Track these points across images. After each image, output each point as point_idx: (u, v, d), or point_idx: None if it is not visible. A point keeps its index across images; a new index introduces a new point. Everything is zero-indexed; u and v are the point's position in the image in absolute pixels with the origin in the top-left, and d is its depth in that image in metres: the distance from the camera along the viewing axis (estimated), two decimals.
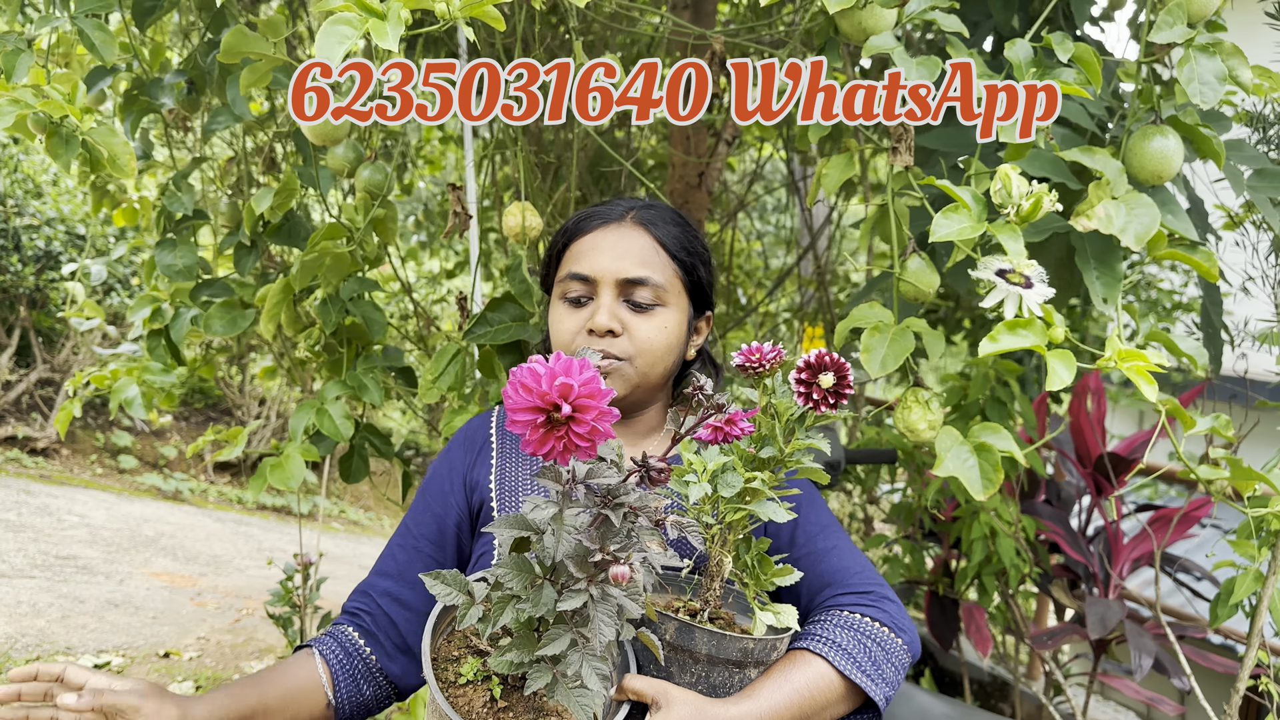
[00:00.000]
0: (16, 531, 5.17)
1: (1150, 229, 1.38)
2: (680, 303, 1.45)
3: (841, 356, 1.12)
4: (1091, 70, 1.35)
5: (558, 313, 1.44)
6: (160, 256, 1.96)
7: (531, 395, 0.83)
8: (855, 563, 1.37)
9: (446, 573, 1.05)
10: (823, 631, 1.26)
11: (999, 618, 2.64)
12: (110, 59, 1.75)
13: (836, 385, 1.10)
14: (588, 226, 1.45)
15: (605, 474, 0.95)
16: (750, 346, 1.16)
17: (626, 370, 1.39)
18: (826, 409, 1.10)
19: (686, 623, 1.14)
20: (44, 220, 6.72)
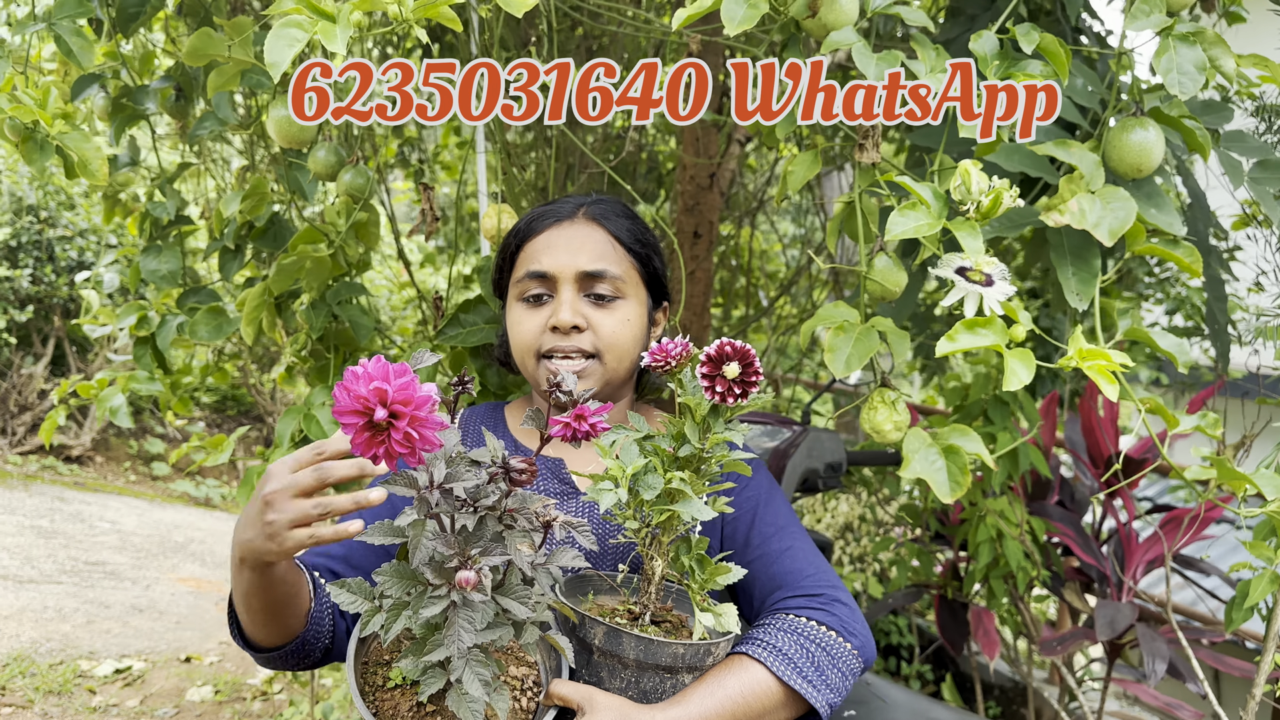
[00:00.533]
0: (48, 538, 5.26)
1: (1125, 223, 1.33)
2: (639, 294, 1.45)
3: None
4: (1058, 62, 1.30)
5: (516, 314, 1.43)
6: (145, 262, 1.97)
7: (351, 398, 0.81)
8: (809, 565, 1.34)
9: (351, 581, 1.04)
10: (764, 635, 1.23)
11: (1010, 621, 2.58)
12: (88, 65, 1.76)
13: (743, 374, 1.07)
14: (540, 226, 1.44)
15: (465, 477, 0.93)
16: (658, 344, 1.13)
17: (595, 367, 1.38)
18: (735, 400, 1.08)
19: (613, 627, 1.12)
20: (76, 231, 6.85)
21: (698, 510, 1.10)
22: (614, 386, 1.43)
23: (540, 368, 1.39)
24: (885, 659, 4.00)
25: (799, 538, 1.39)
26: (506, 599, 0.97)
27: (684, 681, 1.16)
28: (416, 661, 0.97)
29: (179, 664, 3.96)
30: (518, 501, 0.99)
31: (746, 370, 1.07)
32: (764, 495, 1.42)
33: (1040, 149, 1.38)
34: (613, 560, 1.37)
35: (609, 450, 1.14)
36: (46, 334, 7.11)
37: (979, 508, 2.36)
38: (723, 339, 1.07)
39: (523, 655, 1.17)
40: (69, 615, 4.26)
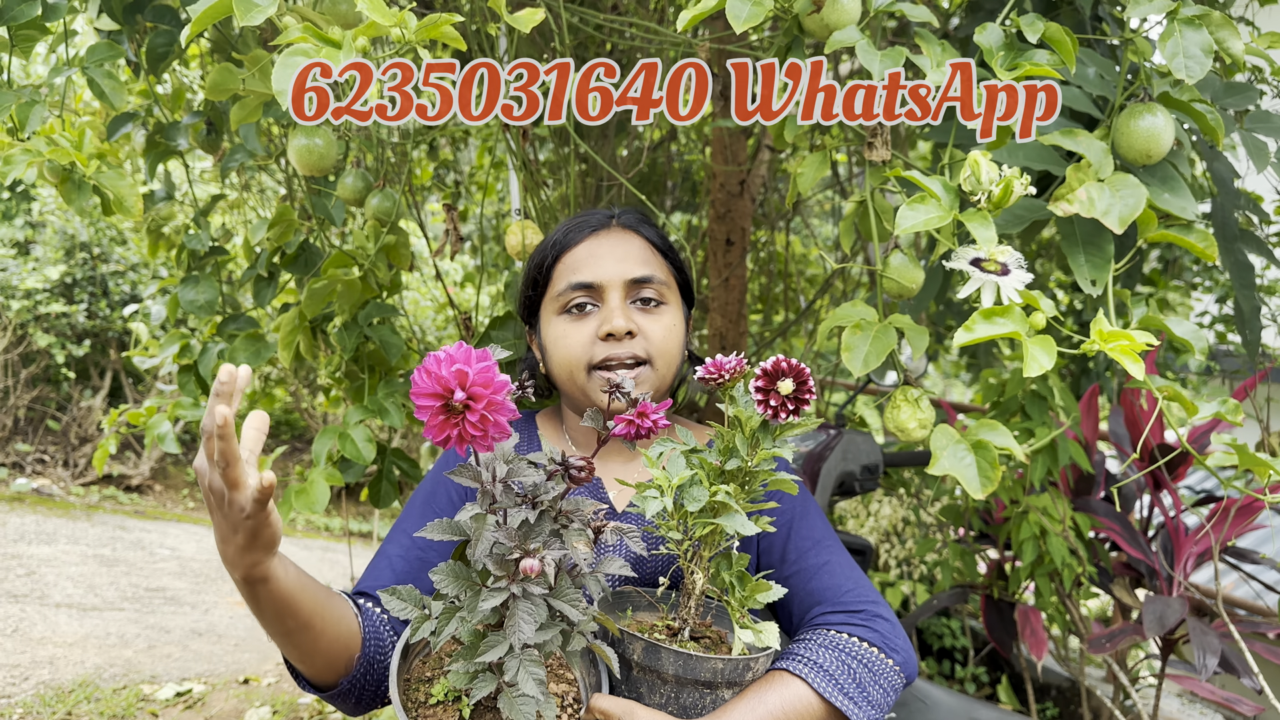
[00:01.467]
0: (110, 566, 5.38)
1: (1135, 210, 1.32)
2: (677, 300, 1.45)
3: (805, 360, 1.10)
4: (1065, 51, 1.30)
5: (559, 329, 1.40)
6: (183, 293, 2.02)
7: (431, 381, 0.83)
8: (848, 579, 1.33)
9: (402, 588, 1.05)
10: (804, 651, 1.21)
11: (1059, 619, 2.54)
12: (121, 105, 1.81)
13: (796, 391, 1.07)
14: (578, 236, 1.42)
15: (525, 473, 0.95)
16: (713, 359, 1.13)
17: (647, 374, 1.37)
18: (787, 416, 1.07)
19: (651, 642, 1.11)
20: (128, 266, 7.02)
21: (741, 524, 1.10)
22: (660, 394, 1.42)
23: (593, 379, 1.37)
24: (939, 662, 3.96)
25: (836, 551, 1.38)
26: (560, 601, 0.98)
27: (724, 697, 1.15)
28: (468, 664, 0.98)
29: (238, 685, 4.03)
30: (572, 504, 1.00)
31: (800, 388, 1.07)
32: (799, 509, 1.40)
33: (1046, 139, 1.37)
34: (652, 575, 1.37)
35: (655, 461, 1.14)
36: (104, 367, 7.30)
37: (1020, 505, 2.33)
38: (779, 356, 1.08)
39: (562, 672, 1.17)
40: (131, 641, 4.35)
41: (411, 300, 7.08)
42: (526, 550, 0.93)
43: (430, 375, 0.84)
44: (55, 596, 4.75)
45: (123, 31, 1.96)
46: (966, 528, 2.59)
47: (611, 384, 1.05)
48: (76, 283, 6.91)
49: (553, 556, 0.93)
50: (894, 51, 1.29)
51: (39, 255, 6.88)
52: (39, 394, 7.08)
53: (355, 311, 1.97)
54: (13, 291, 6.66)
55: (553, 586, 0.98)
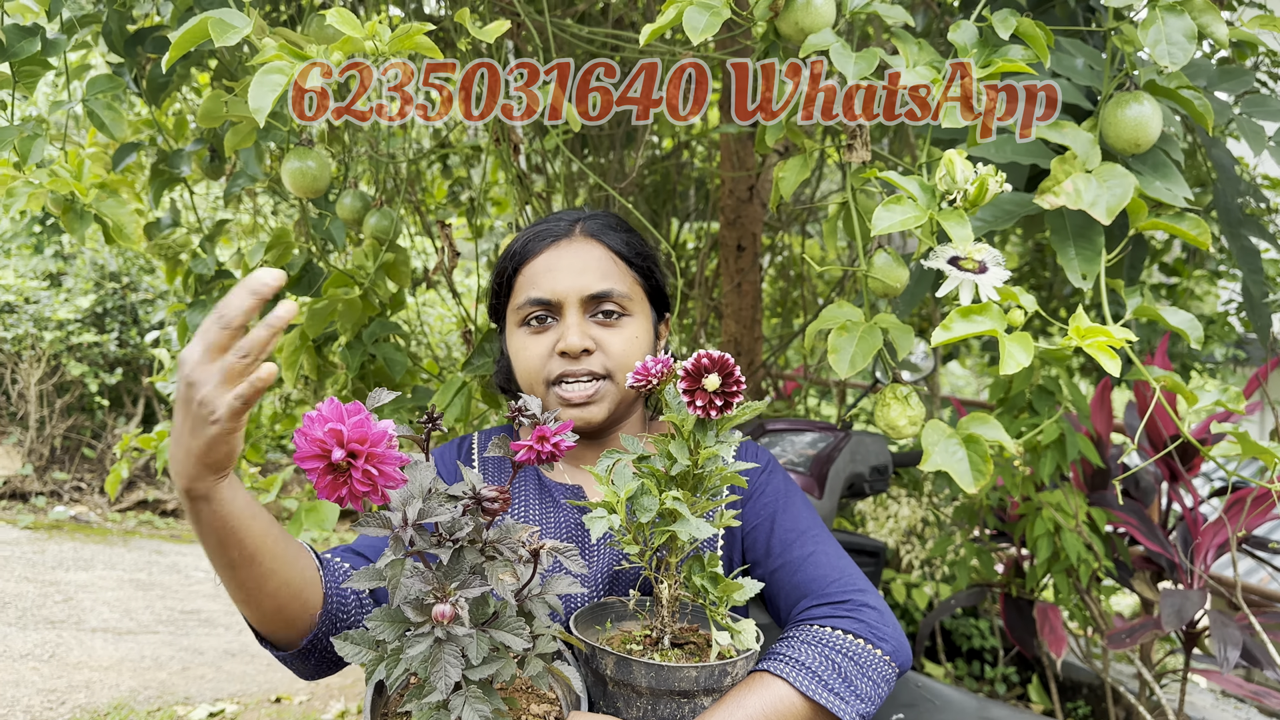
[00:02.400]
0: (146, 590, 5.46)
1: (1123, 199, 1.31)
2: (644, 309, 1.42)
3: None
4: (1038, 45, 1.29)
5: (519, 340, 1.40)
6: (191, 318, 2.05)
7: (308, 443, 0.80)
8: (833, 569, 1.30)
9: (354, 632, 1.01)
10: (786, 650, 1.20)
11: (1080, 616, 2.52)
12: (120, 135, 1.85)
13: (723, 385, 1.05)
14: (537, 247, 1.39)
15: (438, 512, 0.93)
16: (641, 364, 1.12)
17: (607, 388, 1.36)
18: (718, 413, 1.06)
19: (622, 656, 1.10)
20: (157, 294, 7.12)
21: (696, 529, 1.08)
22: (627, 405, 1.41)
23: (550, 394, 1.36)
24: (969, 663, 3.92)
25: (822, 541, 1.35)
26: (501, 632, 0.96)
27: (703, 705, 1.13)
28: (419, 704, 0.98)
29: (270, 705, 4.07)
30: (500, 532, 0.97)
31: (727, 381, 1.05)
32: (781, 501, 1.39)
33: (1033, 133, 1.37)
34: (635, 583, 1.36)
35: (604, 476, 1.12)
36: (136, 394, 7.41)
37: (1034, 501, 2.32)
38: (700, 351, 1.06)
39: (544, 692, 1.15)
40: (165, 663, 4.41)
41: (437, 317, 7.13)
42: (443, 592, 0.91)
43: (307, 437, 0.81)
44: (91, 621, 4.82)
45: (124, 64, 2.01)
46: (982, 526, 2.57)
47: (513, 409, 1.02)
48: (107, 312, 7.03)
49: (471, 595, 0.91)
50: (868, 53, 1.29)
51: (70, 286, 7.01)
52: (74, 423, 7.20)
53: (358, 330, 2.00)
54: (46, 323, 6.78)
55: (495, 618, 0.98)
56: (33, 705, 3.81)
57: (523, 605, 1.00)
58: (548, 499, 1.41)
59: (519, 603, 1.00)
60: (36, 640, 4.44)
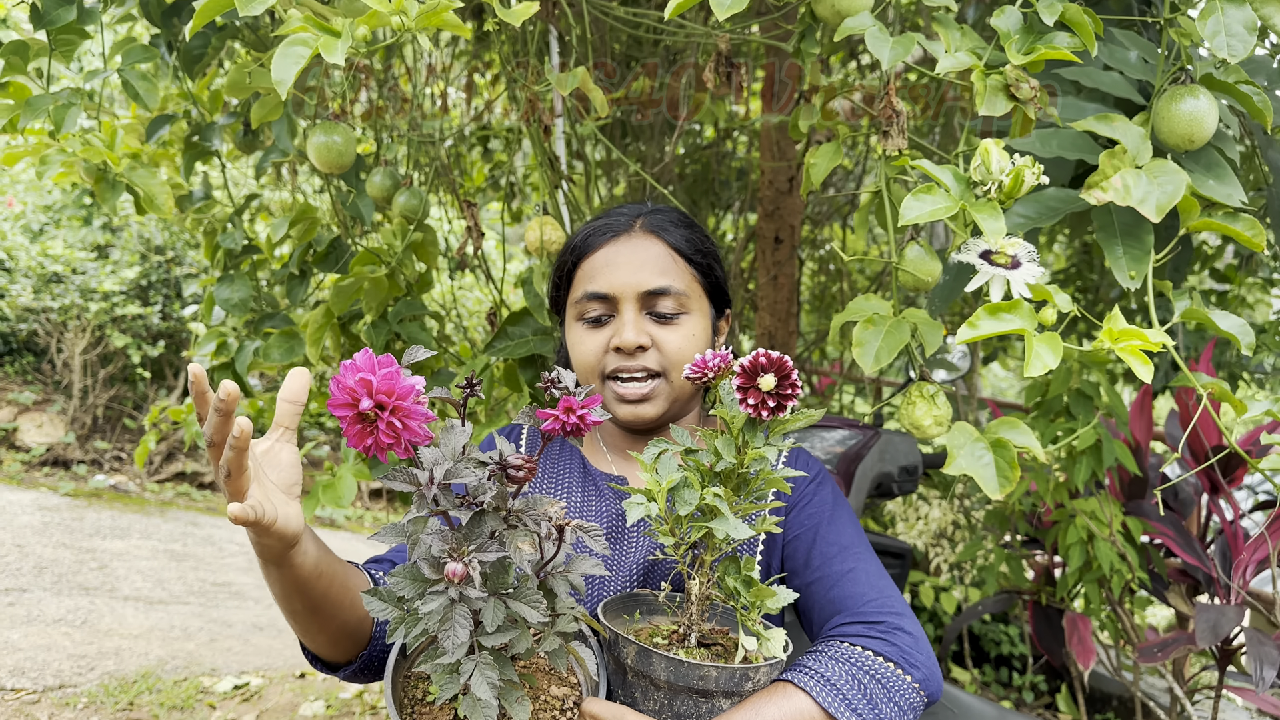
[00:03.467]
0: (180, 561, 5.52)
1: (1174, 197, 1.26)
2: (702, 306, 1.40)
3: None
4: (1085, 33, 1.24)
5: (577, 334, 1.39)
6: (218, 292, 2.05)
7: (340, 391, 0.81)
8: (871, 588, 1.26)
9: (381, 589, 1.03)
10: (812, 663, 1.15)
11: (1111, 627, 2.45)
12: (154, 106, 1.85)
13: (778, 387, 1.02)
14: (597, 242, 1.38)
15: (464, 474, 0.92)
16: (699, 357, 1.09)
17: (662, 386, 1.35)
18: (770, 414, 1.02)
19: (644, 646, 1.08)
20: (201, 268, 7.20)
21: (734, 529, 1.05)
22: (682, 403, 1.39)
23: (605, 389, 1.36)
24: (996, 670, 3.86)
25: (863, 559, 1.31)
26: (517, 603, 0.94)
27: (720, 707, 1.10)
28: (433, 664, 0.97)
29: (294, 680, 4.10)
30: (526, 503, 0.97)
31: (782, 383, 1.01)
32: (827, 513, 1.35)
33: (1080, 124, 1.31)
34: (666, 579, 1.34)
35: (649, 465, 1.10)
36: (177, 367, 7.50)
37: (1068, 508, 2.26)
38: (760, 349, 1.02)
39: (566, 676, 1.14)
40: (194, 634, 4.46)
41: (475, 300, 7.14)
42: (458, 554, 0.90)
43: (339, 385, 0.82)
44: (124, 590, 4.89)
45: (161, 35, 2.00)
46: (1013, 531, 2.51)
47: (545, 379, 1.01)
48: (151, 285, 7.12)
49: (485, 558, 0.90)
50: (905, 39, 1.25)
51: (116, 258, 7.11)
52: (116, 393, 7.31)
53: (383, 309, 1.99)
54: (91, 294, 6.88)
55: (516, 589, 0.96)
56: (62, 670, 3.86)
57: (544, 581, 0.99)
58: (590, 486, 1.41)
59: (540, 578, 0.98)
60: (70, 606, 4.51)
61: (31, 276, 6.97)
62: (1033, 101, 1.23)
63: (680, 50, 4.21)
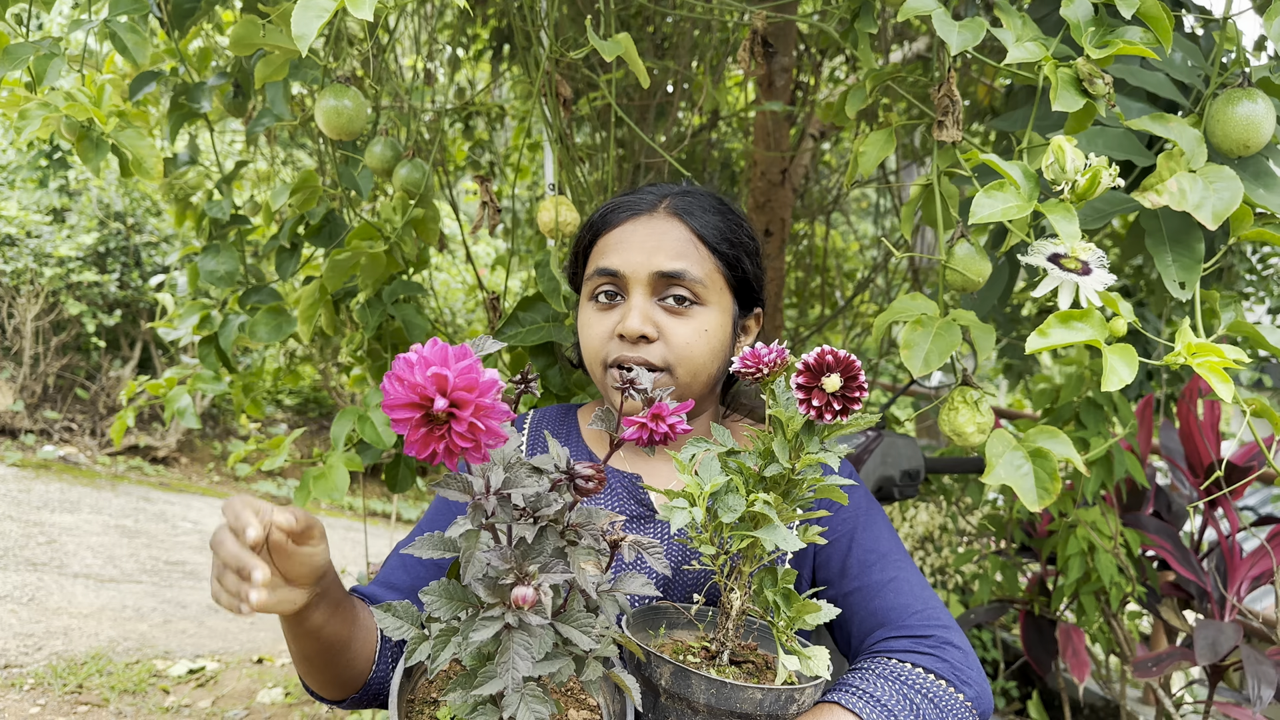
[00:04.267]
0: (131, 537, 5.36)
1: (1231, 205, 1.20)
2: (723, 301, 1.29)
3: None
4: (1161, 28, 1.18)
5: (586, 315, 1.31)
6: (203, 262, 1.94)
7: (405, 389, 0.70)
8: (916, 599, 1.19)
9: (398, 604, 0.93)
10: (860, 682, 1.08)
11: (1102, 639, 2.42)
12: (143, 62, 1.73)
13: (844, 388, 0.93)
14: (616, 219, 1.30)
15: (525, 484, 0.83)
16: (750, 350, 1.01)
17: (664, 382, 1.24)
18: (834, 417, 0.94)
19: (681, 667, 0.99)
20: (161, 237, 7.00)
21: (783, 539, 0.97)
22: (690, 399, 1.29)
23: (608, 375, 1.27)
24: None
25: (904, 567, 1.24)
26: (568, 627, 0.86)
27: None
28: (466, 695, 0.87)
29: (251, 665, 3.98)
30: (583, 516, 0.88)
31: (849, 384, 0.93)
32: (863, 518, 1.27)
33: (1135, 124, 1.25)
34: (691, 589, 1.25)
35: (687, 465, 1.02)
36: (134, 338, 7.29)
37: (1069, 518, 2.22)
38: (825, 346, 0.94)
39: (584, 697, 1.05)
40: (147, 615, 4.31)
41: (442, 283, 7.02)
42: (522, 574, 0.80)
43: (404, 383, 0.70)
44: (74, 566, 4.72)
45: None
46: (1008, 539, 2.48)
47: (624, 379, 0.92)
48: (110, 252, 6.90)
49: (553, 581, 0.81)
50: (973, 23, 1.18)
51: (74, 223, 6.87)
52: (69, 362, 7.09)
53: (379, 287, 1.89)
54: (46, 258, 6.65)
55: (563, 610, 0.88)
56: (8, 649, 3.71)
57: (590, 600, 0.90)
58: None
59: (585, 597, 0.89)
60: (16, 582, 4.34)
61: None
62: (1105, 98, 1.17)
63: (670, 35, 4.12)
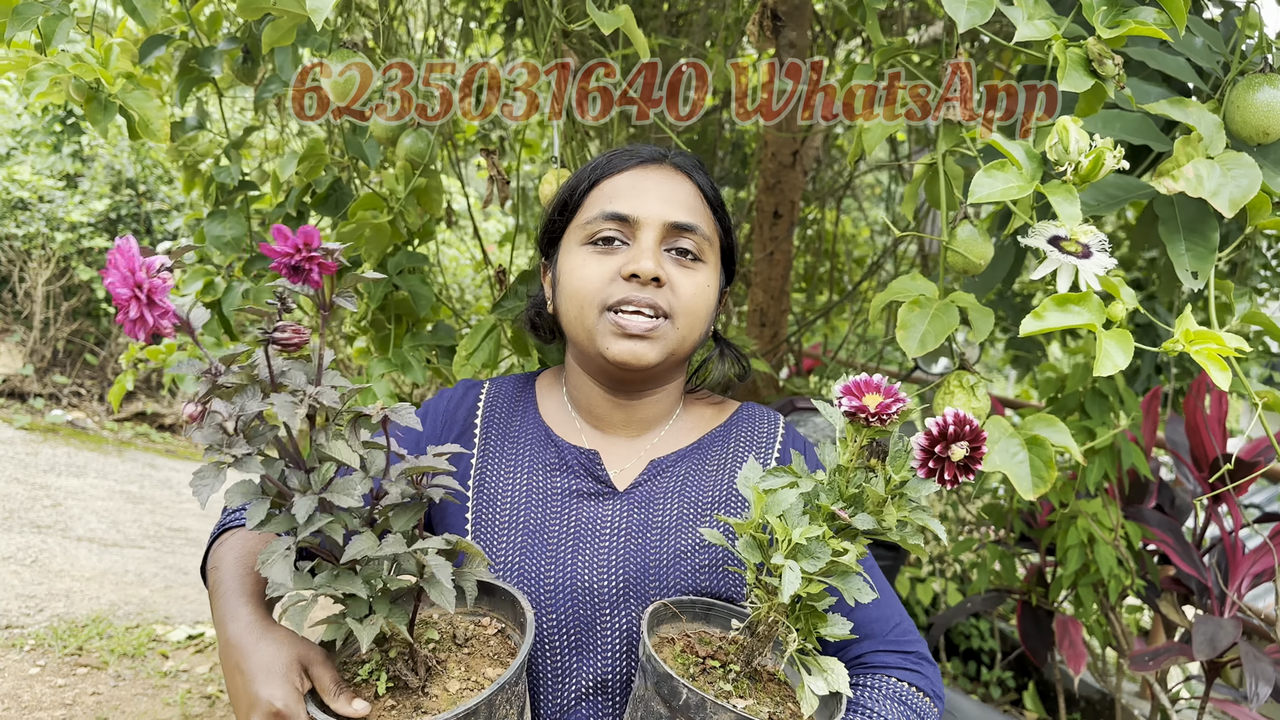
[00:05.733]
0: (136, 503, 5.38)
1: (1249, 192, 1.18)
2: (716, 263, 1.28)
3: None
4: (1175, 9, 1.16)
5: (578, 258, 1.22)
6: (210, 228, 1.94)
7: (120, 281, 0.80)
8: (894, 612, 1.24)
9: (244, 480, 0.92)
10: (872, 703, 1.14)
11: (1099, 632, 2.41)
12: (153, 24, 1.73)
13: (968, 458, 0.89)
14: (622, 164, 1.25)
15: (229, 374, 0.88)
16: (853, 383, 0.93)
17: (666, 328, 1.20)
18: (956, 485, 0.90)
19: (705, 697, 0.94)
20: (173, 205, 7.00)
21: (858, 591, 0.93)
22: (674, 363, 1.25)
23: (603, 320, 1.19)
24: (965, 663, 3.84)
25: (878, 574, 1.25)
26: (333, 494, 0.89)
27: None
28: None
29: None
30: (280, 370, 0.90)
31: (974, 454, 0.89)
32: None
33: (1153, 108, 1.24)
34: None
35: (771, 511, 0.95)
36: None
37: (1070, 509, 2.20)
38: (952, 409, 0.89)
39: (499, 654, 1.06)
40: (148, 580, 4.34)
41: (451, 258, 7.01)
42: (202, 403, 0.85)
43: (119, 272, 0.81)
44: (78, 530, 4.75)
45: None
46: (1008, 529, 2.47)
47: (278, 293, 0.90)
48: (121, 219, 6.90)
49: (224, 407, 0.84)
50: (983, 1, 1.16)
51: (85, 189, 6.88)
52: (79, 327, 7.11)
53: (384, 258, 1.88)
54: (58, 223, 6.67)
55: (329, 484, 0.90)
56: (9, 610, 3.73)
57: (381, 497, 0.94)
58: (555, 460, 1.26)
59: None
60: (20, 544, 4.37)
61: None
62: (1114, 79, 1.15)
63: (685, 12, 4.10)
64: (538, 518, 1.21)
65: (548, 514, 1.21)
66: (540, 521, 1.20)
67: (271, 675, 0.96)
